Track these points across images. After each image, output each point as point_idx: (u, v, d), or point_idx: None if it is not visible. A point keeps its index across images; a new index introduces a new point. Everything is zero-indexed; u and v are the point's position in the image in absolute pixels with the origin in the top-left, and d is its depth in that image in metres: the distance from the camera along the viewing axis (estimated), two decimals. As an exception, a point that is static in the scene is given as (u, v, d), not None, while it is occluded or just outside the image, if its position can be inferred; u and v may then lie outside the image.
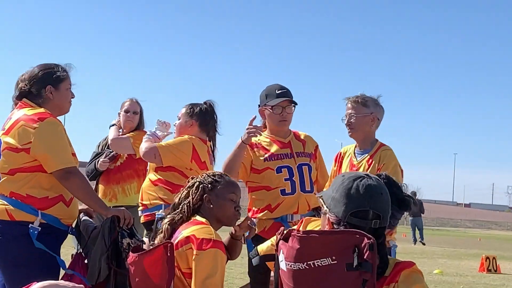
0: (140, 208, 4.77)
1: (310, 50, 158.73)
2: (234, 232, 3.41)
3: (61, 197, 3.54)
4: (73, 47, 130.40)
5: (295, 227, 2.84)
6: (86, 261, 3.52)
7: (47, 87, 3.64)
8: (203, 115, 4.77)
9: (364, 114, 4.24)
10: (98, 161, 5.73)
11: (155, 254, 2.99)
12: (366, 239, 2.28)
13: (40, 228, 3.44)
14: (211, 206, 3.23)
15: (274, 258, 2.64)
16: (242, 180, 4.44)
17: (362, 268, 2.27)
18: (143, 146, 4.75)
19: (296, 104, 4.44)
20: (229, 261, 3.34)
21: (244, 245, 3.54)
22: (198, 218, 3.18)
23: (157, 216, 4.46)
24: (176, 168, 4.64)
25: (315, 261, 2.32)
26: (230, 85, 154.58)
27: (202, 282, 2.89)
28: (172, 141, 4.76)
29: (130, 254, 3.15)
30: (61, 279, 3.29)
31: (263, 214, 4.35)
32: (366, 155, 4.27)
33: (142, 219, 4.72)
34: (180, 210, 3.24)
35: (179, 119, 4.84)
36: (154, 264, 2.98)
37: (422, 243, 22.75)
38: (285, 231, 2.54)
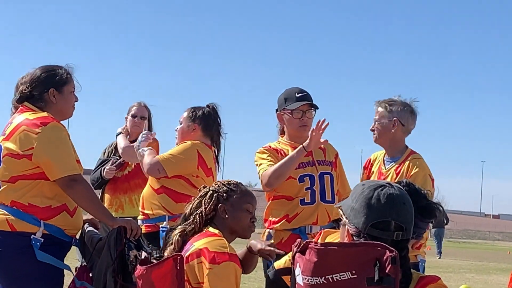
0: (140, 217, 4.61)
1: (330, 50, 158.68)
2: (252, 248, 3.22)
3: (64, 206, 3.46)
4: (76, 48, 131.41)
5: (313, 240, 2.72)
6: (91, 274, 3.45)
7: (50, 90, 3.56)
8: (206, 119, 4.66)
9: (385, 119, 4.13)
10: (104, 168, 5.59)
11: (164, 267, 2.91)
12: (388, 252, 2.22)
13: (42, 239, 3.37)
14: (226, 216, 3.12)
15: (290, 272, 2.54)
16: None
17: (383, 283, 2.21)
18: (146, 161, 4.60)
19: (317, 108, 4.33)
20: (242, 274, 3.19)
21: (260, 258, 3.40)
22: (211, 229, 3.06)
23: (161, 229, 4.36)
24: (182, 175, 4.52)
25: (334, 275, 2.25)
26: (243, 88, 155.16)
27: None
28: (174, 150, 4.61)
29: (138, 267, 3.07)
30: None
31: (280, 224, 4.25)
32: (395, 164, 4.17)
33: (142, 229, 4.58)
34: (192, 220, 3.13)
35: (181, 124, 4.72)
36: (163, 277, 2.91)
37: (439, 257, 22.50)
38: (302, 243, 2.42)
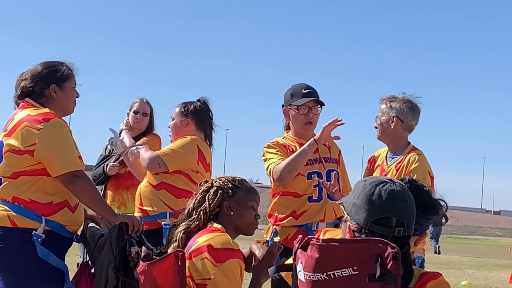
0: (137, 214, 4.53)
1: (331, 49, 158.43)
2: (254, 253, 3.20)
3: (66, 202, 3.45)
4: (77, 44, 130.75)
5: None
6: (92, 270, 3.44)
7: (51, 86, 3.54)
8: (199, 113, 4.65)
9: (385, 115, 4.14)
10: (107, 165, 5.55)
11: (166, 263, 2.89)
12: (389, 248, 2.19)
13: (44, 235, 3.36)
14: (231, 213, 3.10)
15: (290, 268, 2.53)
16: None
17: (385, 279, 2.18)
18: (145, 156, 4.56)
19: (323, 104, 4.32)
20: (245, 273, 3.19)
21: None
22: (214, 225, 3.05)
23: (164, 225, 4.32)
24: (182, 171, 4.50)
25: (335, 271, 2.23)
26: (245, 85, 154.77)
27: None
28: (174, 145, 4.58)
29: (140, 263, 3.05)
30: None
31: (287, 221, 4.24)
32: (396, 160, 4.15)
33: None
34: (196, 217, 3.10)
35: (173, 120, 4.70)
36: (165, 273, 2.89)
37: (437, 251, 22.53)
38: (303, 240, 2.42)
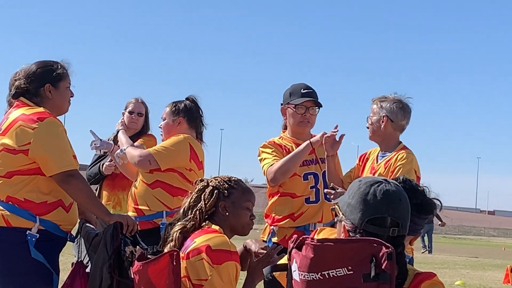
0: (132, 213, 4.49)
1: (326, 49, 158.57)
2: (246, 247, 3.20)
3: (60, 202, 3.44)
4: (72, 43, 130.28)
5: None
6: (87, 270, 3.43)
7: (46, 86, 3.54)
8: (190, 111, 4.64)
9: (376, 115, 4.16)
10: (103, 164, 5.54)
11: (161, 263, 2.89)
12: (384, 248, 2.19)
13: (38, 235, 3.35)
14: (227, 214, 3.09)
15: (284, 268, 2.53)
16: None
17: (379, 279, 2.17)
18: (135, 153, 4.54)
19: (321, 106, 4.33)
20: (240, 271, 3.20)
21: None
22: (213, 226, 3.05)
23: (161, 225, 4.31)
24: (174, 169, 4.48)
25: (330, 271, 2.23)
26: (240, 84, 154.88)
27: None
28: (166, 142, 4.57)
29: (135, 262, 3.04)
30: None
31: (285, 222, 4.24)
32: (386, 158, 4.18)
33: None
34: (192, 217, 3.09)
35: (164, 120, 4.69)
36: (160, 273, 2.89)
37: (429, 251, 22.58)
38: (298, 239, 2.42)
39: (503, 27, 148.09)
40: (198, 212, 3.07)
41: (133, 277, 3.07)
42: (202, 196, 3.11)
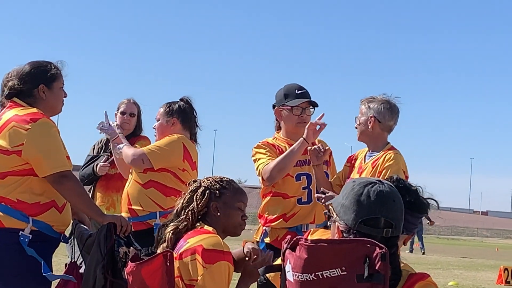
0: (125, 214, 4.46)
1: (319, 48, 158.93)
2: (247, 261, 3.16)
3: (53, 202, 3.43)
4: (65, 43, 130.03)
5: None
6: (81, 270, 3.42)
7: (40, 86, 3.53)
8: (184, 112, 4.64)
9: (364, 116, 4.18)
10: (97, 165, 5.51)
11: (154, 264, 2.88)
12: (377, 249, 2.18)
13: (31, 235, 3.34)
14: (218, 214, 3.09)
15: (277, 269, 2.53)
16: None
17: (373, 279, 2.17)
18: (129, 152, 4.54)
19: (316, 106, 4.34)
20: (234, 272, 3.18)
21: None
22: (205, 227, 3.04)
23: (155, 226, 4.29)
24: (167, 169, 4.47)
25: (324, 272, 2.22)
26: (233, 85, 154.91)
27: None
28: (160, 142, 4.56)
29: (129, 263, 3.03)
30: None
31: (277, 223, 4.24)
32: (373, 158, 4.19)
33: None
34: (184, 217, 3.08)
35: (158, 121, 4.68)
36: (153, 274, 2.88)
37: (423, 252, 22.64)
38: (292, 240, 2.42)
39: (498, 28, 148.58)
40: (190, 212, 3.07)
41: (126, 277, 3.05)
42: (195, 196, 3.10)
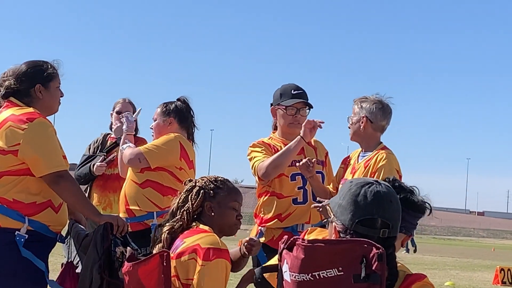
0: (123, 214, 4.46)
1: (316, 48, 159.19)
2: (244, 252, 3.18)
3: (49, 202, 3.42)
4: (61, 43, 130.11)
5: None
6: (77, 270, 3.41)
7: (36, 86, 3.52)
8: (181, 112, 4.65)
9: (356, 116, 4.19)
10: (94, 164, 5.50)
11: (151, 264, 2.88)
12: (374, 249, 2.20)
13: (27, 235, 3.33)
14: (212, 214, 3.09)
15: (274, 269, 2.53)
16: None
17: (370, 280, 2.19)
18: (127, 152, 4.54)
19: (311, 107, 4.34)
20: (231, 272, 3.18)
21: (250, 257, 3.38)
22: (201, 226, 3.04)
23: (152, 226, 4.28)
24: (165, 168, 4.46)
25: (321, 272, 2.23)
26: (230, 85, 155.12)
27: None
28: (157, 141, 4.56)
29: (125, 263, 3.03)
30: None
31: (273, 223, 4.24)
32: (365, 158, 4.19)
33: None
34: (180, 217, 3.08)
35: (155, 120, 4.69)
36: (150, 274, 2.88)
37: (414, 250, 22.69)
38: (289, 240, 2.42)
39: (495, 28, 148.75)
40: (185, 212, 3.07)
41: (123, 277, 3.05)
42: (189, 196, 3.10)
